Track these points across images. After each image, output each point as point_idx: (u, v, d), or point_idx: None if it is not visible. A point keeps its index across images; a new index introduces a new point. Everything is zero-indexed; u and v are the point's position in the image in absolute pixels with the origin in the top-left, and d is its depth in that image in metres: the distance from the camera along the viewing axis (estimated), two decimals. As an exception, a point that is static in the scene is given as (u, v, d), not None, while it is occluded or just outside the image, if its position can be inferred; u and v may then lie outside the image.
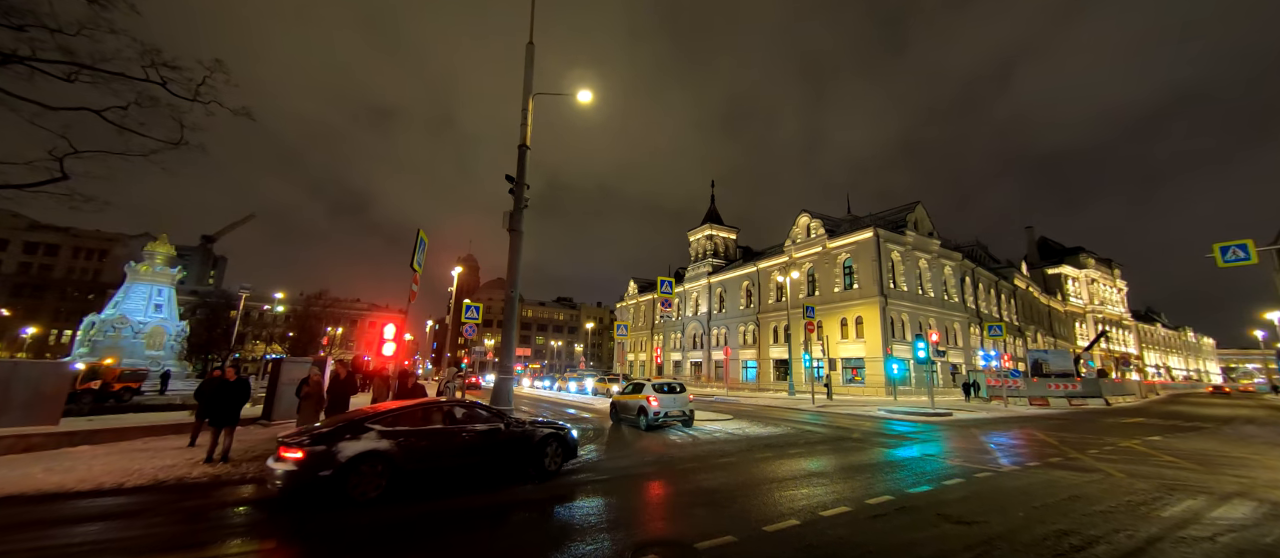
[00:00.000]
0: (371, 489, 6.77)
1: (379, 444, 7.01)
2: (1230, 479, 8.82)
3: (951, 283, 45.78)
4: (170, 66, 10.67)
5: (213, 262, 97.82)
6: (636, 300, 76.41)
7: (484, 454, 8.08)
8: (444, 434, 7.78)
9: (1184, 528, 6.01)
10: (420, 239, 11.86)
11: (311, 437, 6.80)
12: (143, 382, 25.73)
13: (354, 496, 6.62)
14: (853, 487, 7.96)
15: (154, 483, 7.68)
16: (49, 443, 9.97)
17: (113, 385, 23.14)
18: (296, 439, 6.77)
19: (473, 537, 5.70)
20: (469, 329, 25.10)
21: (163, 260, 35.70)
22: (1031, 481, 8.58)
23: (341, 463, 6.65)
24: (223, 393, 9.37)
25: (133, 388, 24.35)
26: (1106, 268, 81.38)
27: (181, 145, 11.34)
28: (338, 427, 7.06)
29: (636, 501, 7.43)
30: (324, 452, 6.63)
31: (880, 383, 35.55)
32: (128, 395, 23.31)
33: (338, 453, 6.69)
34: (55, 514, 6.40)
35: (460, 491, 7.46)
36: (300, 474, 6.44)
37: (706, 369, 56.39)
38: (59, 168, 10.44)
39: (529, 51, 13.53)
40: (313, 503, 6.53)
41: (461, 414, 8.22)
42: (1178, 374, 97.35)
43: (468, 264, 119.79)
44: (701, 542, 5.32)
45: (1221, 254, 13.84)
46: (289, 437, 6.93)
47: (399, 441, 7.22)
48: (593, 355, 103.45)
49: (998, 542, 5.43)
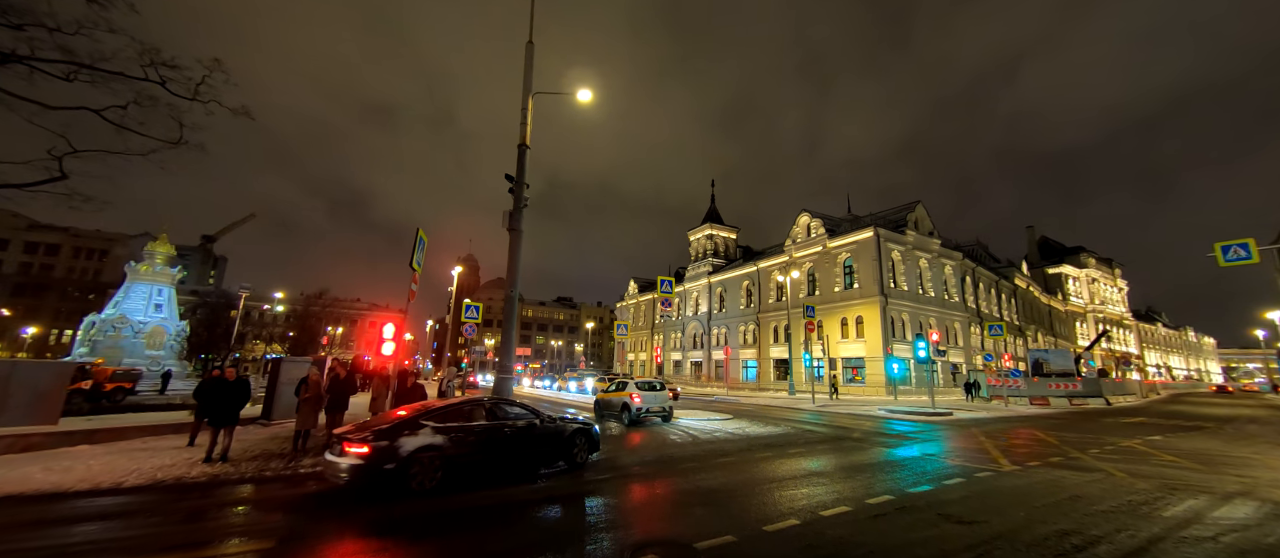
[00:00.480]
0: (429, 480, 7.25)
1: (434, 439, 7.50)
2: (1232, 479, 8.79)
3: (952, 282, 45.75)
4: (169, 66, 10.66)
5: (213, 261, 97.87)
6: (637, 300, 76.39)
7: (523, 447, 8.64)
8: (488, 429, 8.31)
9: (1186, 528, 5.98)
10: (419, 238, 11.83)
11: (375, 433, 7.12)
12: (136, 382, 24.93)
13: (413, 487, 7.08)
14: (853, 486, 7.94)
15: (152, 483, 7.66)
16: (48, 443, 9.94)
17: (104, 385, 22.30)
18: (360, 435, 7.08)
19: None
20: (469, 329, 25.09)
21: (163, 260, 35.73)
22: (1032, 480, 8.55)
23: (403, 457, 7.09)
24: (222, 393, 9.34)
25: (125, 388, 23.47)
26: (1107, 267, 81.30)
27: (181, 145, 11.33)
28: (397, 423, 7.44)
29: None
30: (387, 446, 7.04)
31: (880, 383, 35.51)
32: (120, 396, 22.51)
33: (399, 447, 7.12)
34: (52, 514, 6.38)
35: (504, 481, 8.05)
36: (367, 467, 6.82)
37: (707, 369, 56.37)
38: (58, 167, 10.42)
39: (529, 51, 13.50)
40: (377, 494, 6.92)
41: (502, 411, 8.84)
42: (1178, 374, 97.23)
43: (468, 264, 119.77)
44: (701, 542, 5.31)
45: (1223, 253, 13.79)
46: (351, 433, 7.24)
47: (451, 435, 7.72)
48: (593, 355, 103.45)
49: (999, 542, 5.40)
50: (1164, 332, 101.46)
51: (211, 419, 9.25)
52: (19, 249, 69.60)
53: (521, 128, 13.03)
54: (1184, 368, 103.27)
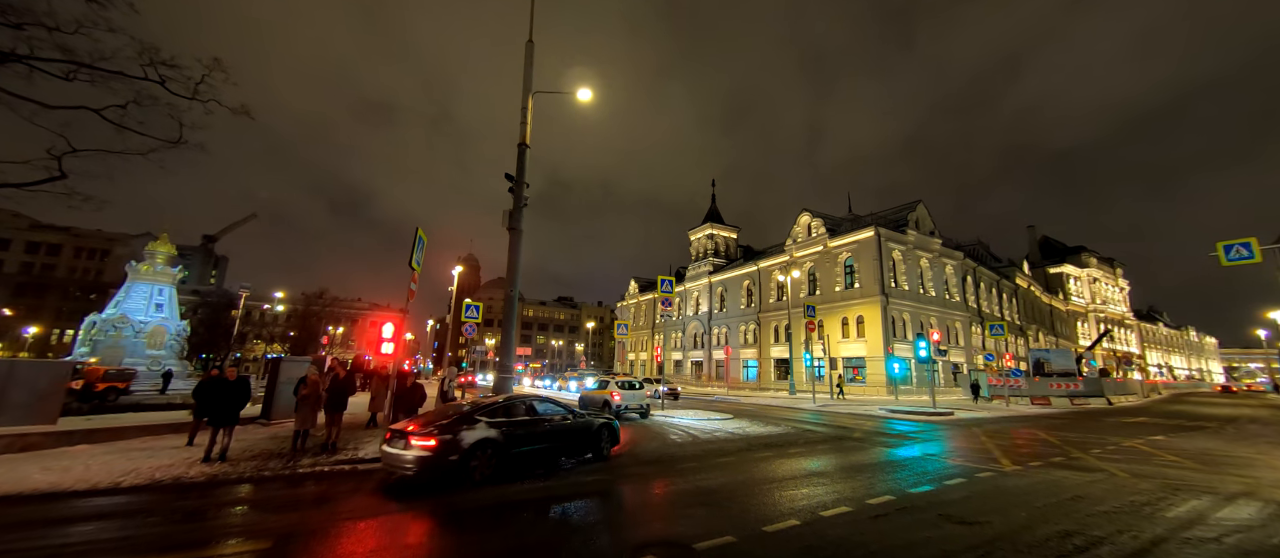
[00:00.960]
0: (485, 470, 7.86)
1: (489, 433, 8.11)
2: (1235, 479, 8.74)
3: (953, 282, 45.67)
4: (169, 65, 10.64)
5: (214, 261, 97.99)
6: (637, 300, 76.36)
7: (560, 439, 9.37)
8: (532, 423, 9.03)
9: (1189, 529, 5.94)
10: (419, 237, 11.81)
11: (439, 427, 7.67)
12: (129, 382, 24.09)
13: (474, 476, 7.67)
14: (854, 487, 7.90)
15: (150, 483, 7.64)
16: (46, 442, 9.93)
17: (96, 386, 21.74)
18: (425, 429, 7.60)
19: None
20: (469, 329, 25.06)
21: (164, 260, 35.67)
22: (1034, 480, 8.51)
23: (465, 449, 7.67)
24: (222, 392, 9.33)
25: (118, 388, 22.81)
26: (1108, 267, 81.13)
27: (181, 144, 11.30)
28: (456, 418, 8.01)
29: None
30: (452, 440, 7.60)
31: (881, 382, 35.46)
32: (112, 396, 21.79)
33: (461, 440, 7.69)
34: (50, 514, 6.37)
35: (546, 471, 8.84)
36: (433, 459, 7.36)
37: (707, 369, 56.32)
38: (57, 167, 10.41)
39: (528, 50, 13.46)
40: (441, 484, 7.48)
41: (542, 407, 9.61)
42: (1180, 374, 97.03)
43: (468, 264, 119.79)
44: (700, 542, 5.28)
45: (1225, 253, 13.73)
46: (416, 428, 7.68)
47: (502, 429, 8.36)
48: (594, 355, 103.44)
49: (1000, 542, 5.37)
50: (1165, 331, 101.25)
51: (211, 419, 9.25)
52: (21, 249, 69.67)
53: (521, 127, 13.00)
54: (1185, 368, 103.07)
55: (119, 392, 22.72)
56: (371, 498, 7.18)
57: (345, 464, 9.10)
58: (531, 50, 13.45)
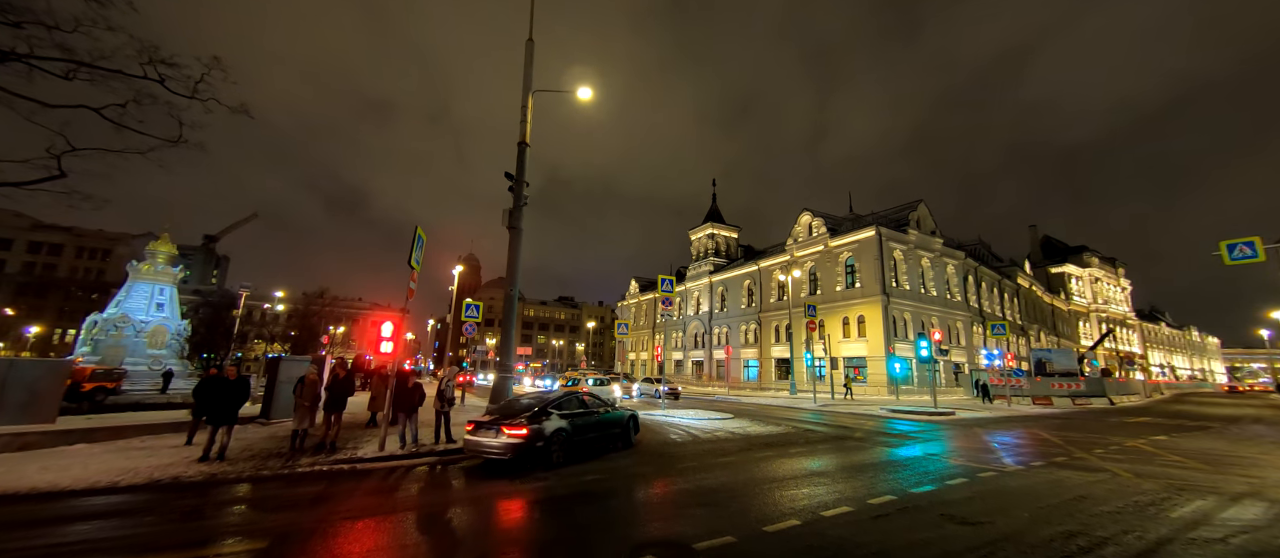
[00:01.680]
0: (559, 455, 9.14)
1: (562, 423, 9.40)
2: (1240, 480, 8.68)
3: (954, 282, 45.57)
4: (168, 64, 10.62)
5: (215, 261, 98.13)
6: (638, 299, 76.31)
7: (604, 428, 10.82)
8: (587, 414, 10.39)
9: (1194, 529, 5.88)
10: (418, 236, 11.77)
11: (527, 417, 8.88)
12: (119, 382, 23.55)
13: (552, 460, 8.96)
14: (855, 486, 7.85)
15: (149, 482, 7.62)
16: (45, 441, 9.92)
17: (83, 385, 20.95)
18: (515, 419, 8.81)
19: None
20: (469, 328, 25.03)
21: (165, 260, 35.68)
22: (1036, 481, 8.45)
23: (547, 436, 8.95)
24: (221, 392, 9.32)
25: (107, 388, 22.09)
26: (1110, 267, 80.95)
27: (180, 143, 11.29)
28: (537, 410, 9.21)
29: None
30: (538, 428, 8.82)
31: (882, 382, 35.38)
32: (101, 396, 21.17)
33: (544, 429, 8.94)
34: (48, 514, 6.34)
35: (595, 455, 10.20)
36: (524, 446, 8.60)
37: (708, 368, 56.25)
38: (57, 166, 10.39)
39: (529, 48, 13.43)
40: (526, 466, 8.78)
41: (591, 400, 11.05)
42: (1182, 373, 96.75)
43: (469, 263, 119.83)
44: (700, 543, 5.24)
45: (1228, 252, 13.64)
46: (509, 420, 8.84)
47: (568, 419, 9.65)
48: (594, 355, 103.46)
49: (1003, 543, 5.32)
50: (1167, 331, 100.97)
51: (210, 418, 9.23)
52: (23, 249, 69.83)
53: (521, 125, 12.97)
54: (1187, 368, 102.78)
55: (108, 392, 22.13)
56: (371, 498, 7.21)
57: (344, 463, 9.08)
58: (531, 49, 13.42)
